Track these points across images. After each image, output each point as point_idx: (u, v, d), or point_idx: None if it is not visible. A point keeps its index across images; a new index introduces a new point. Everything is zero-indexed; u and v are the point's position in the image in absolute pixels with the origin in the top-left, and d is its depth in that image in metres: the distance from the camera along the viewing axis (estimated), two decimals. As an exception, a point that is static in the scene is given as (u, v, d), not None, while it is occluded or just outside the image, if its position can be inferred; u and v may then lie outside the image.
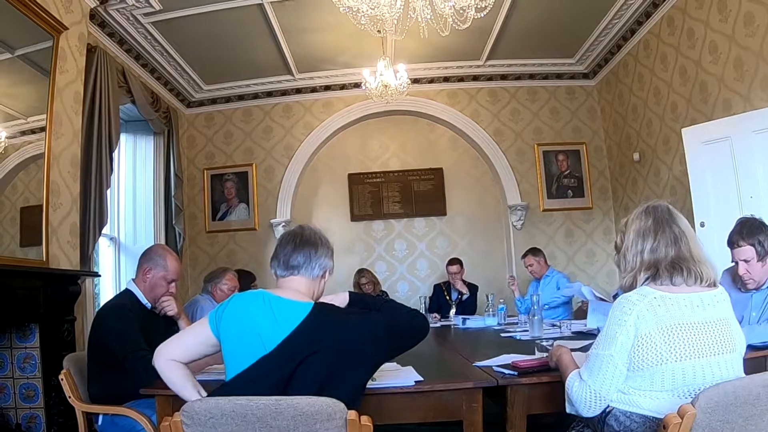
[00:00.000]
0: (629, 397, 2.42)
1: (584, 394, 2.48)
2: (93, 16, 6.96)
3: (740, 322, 2.68)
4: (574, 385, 2.54)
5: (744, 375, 2.45)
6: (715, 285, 2.54)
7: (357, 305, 2.89)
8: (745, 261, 3.92)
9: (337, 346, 2.40)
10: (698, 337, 2.36)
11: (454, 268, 8.64)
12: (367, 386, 2.77)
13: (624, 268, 2.67)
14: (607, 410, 2.46)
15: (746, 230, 3.93)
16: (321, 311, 2.55)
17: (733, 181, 6.35)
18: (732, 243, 4.00)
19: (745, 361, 2.56)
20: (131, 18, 7.55)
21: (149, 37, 8.14)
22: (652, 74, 8.50)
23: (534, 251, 8.05)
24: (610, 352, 2.42)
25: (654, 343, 2.34)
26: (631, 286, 2.55)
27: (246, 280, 7.43)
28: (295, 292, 2.65)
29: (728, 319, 2.47)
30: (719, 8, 6.70)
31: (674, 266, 2.47)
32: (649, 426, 2.33)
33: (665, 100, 8.15)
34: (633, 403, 2.40)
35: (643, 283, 2.51)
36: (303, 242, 2.73)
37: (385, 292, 8.93)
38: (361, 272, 8.87)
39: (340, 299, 2.89)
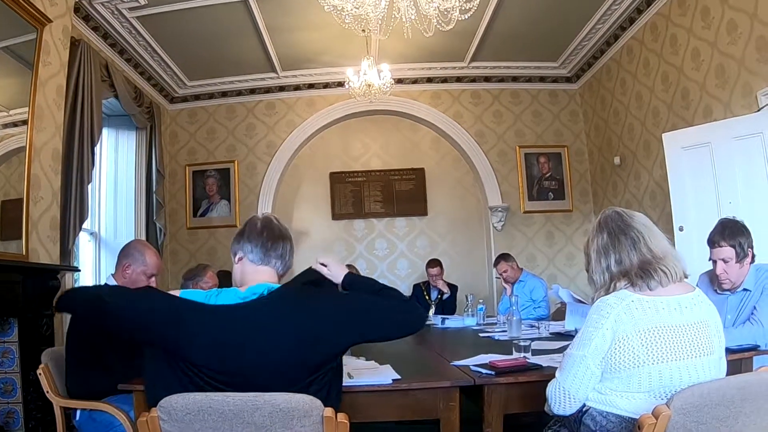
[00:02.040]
0: (606, 397, 2.44)
1: (555, 391, 2.54)
2: (77, 9, 6.94)
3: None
4: (551, 381, 2.59)
5: (725, 376, 2.48)
6: (685, 276, 2.55)
7: (350, 285, 2.83)
8: (724, 261, 4.00)
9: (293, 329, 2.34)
10: (675, 339, 2.37)
11: (435, 270, 8.65)
12: (345, 384, 2.78)
13: (596, 288, 2.67)
14: (584, 409, 2.49)
15: (728, 231, 4.01)
16: (284, 291, 2.50)
17: (712, 186, 6.41)
18: (713, 242, 4.07)
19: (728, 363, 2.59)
20: (116, 12, 7.54)
21: (134, 32, 8.12)
22: (634, 79, 8.57)
23: (505, 257, 7.90)
24: (583, 353, 2.45)
25: (631, 345, 2.36)
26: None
27: (226, 281, 7.41)
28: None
29: (706, 321, 2.47)
30: (702, 15, 6.76)
31: (644, 272, 2.48)
32: (625, 426, 2.35)
33: (647, 105, 8.21)
34: (609, 403, 2.42)
35: (622, 288, 2.53)
36: (280, 235, 2.70)
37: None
38: (348, 267, 8.79)
39: (338, 275, 2.86)
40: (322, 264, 2.90)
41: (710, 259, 4.12)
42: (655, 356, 2.35)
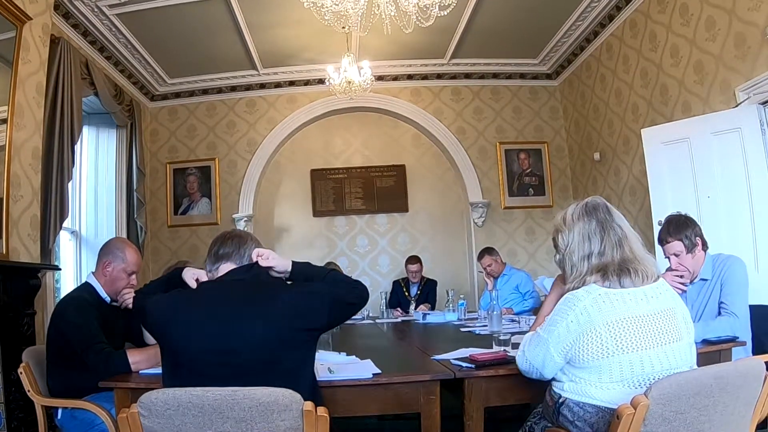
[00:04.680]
0: (581, 387, 2.47)
1: (522, 357, 2.73)
2: (57, 6, 6.90)
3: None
4: (525, 344, 2.75)
5: (695, 363, 2.53)
6: (657, 279, 2.59)
7: (299, 275, 2.87)
8: (675, 255, 4.14)
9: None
10: (644, 329, 2.41)
11: (414, 267, 8.68)
12: (326, 379, 2.80)
13: (570, 270, 2.68)
14: (561, 400, 2.52)
15: (673, 227, 4.17)
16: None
17: (691, 181, 6.46)
18: (661, 240, 4.24)
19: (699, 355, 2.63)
20: (96, 9, 7.50)
21: (114, 29, 8.08)
22: (614, 76, 8.61)
23: (489, 251, 7.88)
24: (547, 337, 2.55)
25: (600, 337, 2.40)
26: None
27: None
28: None
29: (672, 308, 2.51)
30: (681, 12, 6.81)
31: (622, 269, 2.51)
32: (601, 416, 2.37)
33: (626, 101, 8.26)
34: (585, 393, 2.45)
35: (591, 283, 2.55)
36: (232, 236, 2.82)
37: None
38: (329, 265, 8.72)
39: (283, 264, 2.84)
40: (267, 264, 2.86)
41: (665, 257, 4.23)
42: (625, 346, 2.38)
